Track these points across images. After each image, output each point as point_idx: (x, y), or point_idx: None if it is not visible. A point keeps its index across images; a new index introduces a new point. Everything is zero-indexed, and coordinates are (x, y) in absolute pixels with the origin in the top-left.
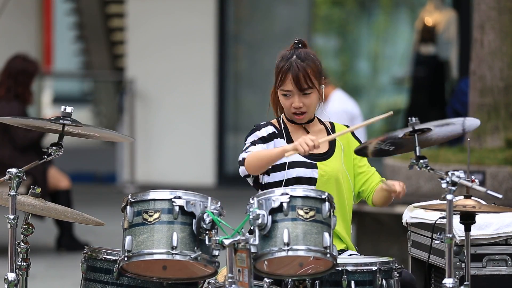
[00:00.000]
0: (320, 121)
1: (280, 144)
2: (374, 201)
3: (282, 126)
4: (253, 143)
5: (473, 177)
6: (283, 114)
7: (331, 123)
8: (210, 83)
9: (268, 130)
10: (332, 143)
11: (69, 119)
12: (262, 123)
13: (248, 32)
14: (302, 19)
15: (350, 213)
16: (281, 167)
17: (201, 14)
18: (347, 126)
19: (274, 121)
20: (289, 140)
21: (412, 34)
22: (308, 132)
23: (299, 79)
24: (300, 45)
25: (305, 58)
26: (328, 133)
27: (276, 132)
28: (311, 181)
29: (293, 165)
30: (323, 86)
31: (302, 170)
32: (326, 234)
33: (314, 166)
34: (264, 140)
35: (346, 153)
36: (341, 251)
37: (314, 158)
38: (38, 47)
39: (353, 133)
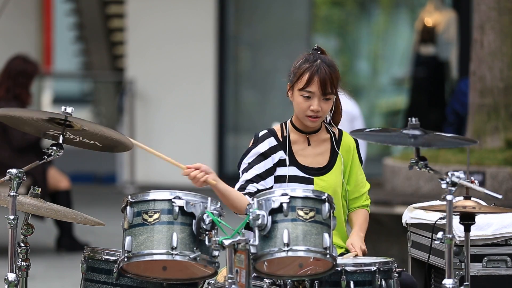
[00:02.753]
0: (327, 129)
1: (278, 157)
2: (348, 219)
3: (286, 134)
4: (246, 168)
5: (473, 177)
6: (289, 120)
7: (340, 131)
8: (210, 83)
9: (269, 143)
10: (333, 155)
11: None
12: (263, 133)
13: (248, 32)
14: (302, 19)
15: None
16: (282, 180)
17: (201, 14)
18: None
19: (277, 127)
20: (289, 152)
21: (412, 35)
22: (309, 143)
23: (326, 83)
24: (319, 52)
25: (330, 65)
26: (333, 143)
27: (277, 143)
28: None
29: (291, 179)
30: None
31: (297, 185)
32: (326, 235)
33: (310, 181)
34: (263, 156)
35: (346, 164)
36: (341, 255)
37: (311, 173)
38: (38, 48)
39: (357, 148)
